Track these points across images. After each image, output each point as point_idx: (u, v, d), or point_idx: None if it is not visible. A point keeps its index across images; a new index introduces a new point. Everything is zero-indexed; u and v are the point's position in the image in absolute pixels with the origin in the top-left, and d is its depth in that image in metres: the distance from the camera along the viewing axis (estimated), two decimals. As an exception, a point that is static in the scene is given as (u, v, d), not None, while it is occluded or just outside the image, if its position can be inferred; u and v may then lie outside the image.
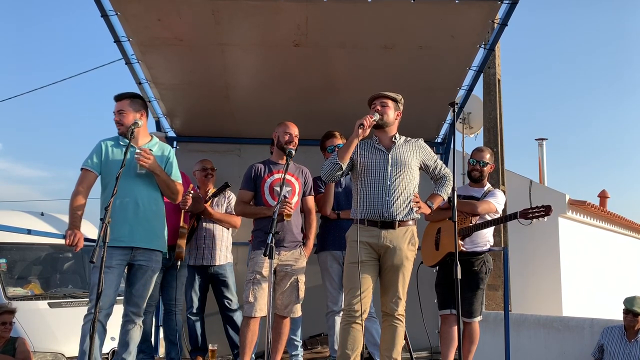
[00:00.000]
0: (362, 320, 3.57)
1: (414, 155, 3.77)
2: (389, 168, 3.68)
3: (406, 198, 3.68)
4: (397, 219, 3.64)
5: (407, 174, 3.71)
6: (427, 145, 3.91)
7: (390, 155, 3.71)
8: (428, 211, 3.82)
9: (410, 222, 3.71)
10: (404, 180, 3.68)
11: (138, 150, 3.60)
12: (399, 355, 3.68)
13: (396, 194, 3.64)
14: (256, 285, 3.97)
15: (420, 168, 3.83)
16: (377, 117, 3.67)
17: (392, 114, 3.78)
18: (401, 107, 3.85)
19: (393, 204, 3.63)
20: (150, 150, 3.71)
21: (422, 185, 3.90)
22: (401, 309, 3.66)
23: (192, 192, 4.48)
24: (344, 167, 3.66)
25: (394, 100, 3.79)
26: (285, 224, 4.04)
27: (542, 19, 35.94)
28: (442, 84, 4.88)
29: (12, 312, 5.14)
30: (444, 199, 3.88)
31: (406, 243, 3.67)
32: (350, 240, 3.70)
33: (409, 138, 3.87)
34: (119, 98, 3.78)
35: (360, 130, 3.55)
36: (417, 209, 3.72)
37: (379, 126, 3.74)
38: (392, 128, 3.81)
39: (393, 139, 3.79)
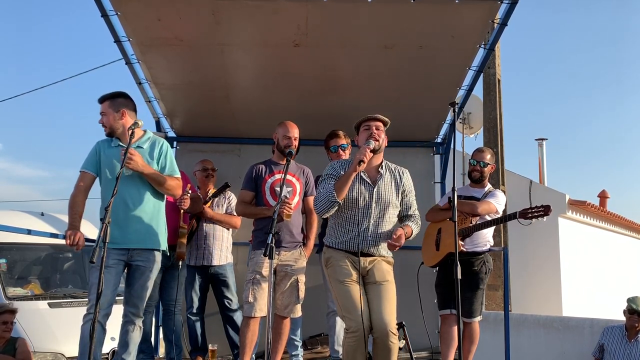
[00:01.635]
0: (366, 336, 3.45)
1: (397, 189, 3.65)
2: (373, 205, 3.56)
3: (387, 235, 3.58)
4: (376, 255, 3.59)
5: (389, 212, 3.61)
6: (410, 181, 3.75)
7: (375, 191, 3.57)
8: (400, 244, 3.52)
9: (389, 255, 3.65)
10: (386, 219, 3.59)
11: (122, 152, 3.54)
12: None
13: (379, 232, 3.56)
14: (256, 285, 3.97)
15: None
16: (372, 145, 3.53)
17: (384, 139, 3.65)
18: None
19: (375, 243, 3.56)
20: (135, 149, 3.64)
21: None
22: (394, 325, 3.45)
23: (189, 192, 4.48)
24: (341, 203, 3.53)
25: (385, 124, 3.67)
26: (285, 224, 4.04)
27: (542, 19, 35.96)
28: (442, 84, 4.87)
29: (13, 311, 5.14)
30: (412, 232, 3.63)
31: (385, 261, 3.62)
32: (332, 261, 3.59)
33: (394, 166, 3.74)
34: (100, 100, 3.79)
35: (359, 167, 3.44)
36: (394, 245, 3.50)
37: (373, 151, 3.58)
38: (380, 155, 3.67)
39: (379, 169, 3.65)
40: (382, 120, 3.65)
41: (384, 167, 3.66)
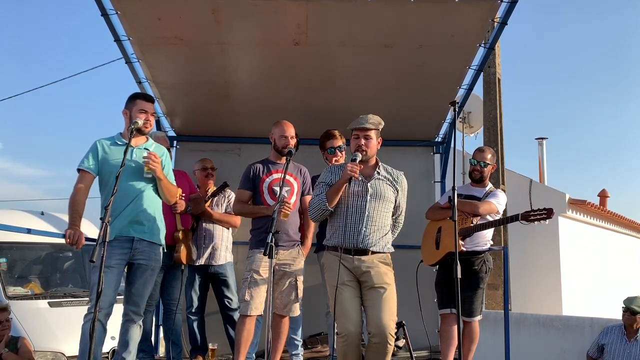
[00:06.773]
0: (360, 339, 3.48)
1: (391, 188, 3.67)
2: (368, 197, 3.58)
3: (382, 230, 3.61)
4: (372, 249, 3.57)
5: (385, 206, 3.62)
6: (405, 183, 3.76)
7: (370, 185, 3.61)
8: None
9: (385, 251, 3.64)
10: (381, 212, 3.61)
11: (146, 154, 3.67)
12: None
13: (372, 225, 3.57)
14: (253, 283, 3.96)
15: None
16: (359, 157, 3.56)
17: (375, 145, 3.66)
18: (380, 130, 3.71)
19: (369, 235, 3.55)
20: (143, 151, 3.77)
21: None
22: (392, 329, 3.43)
23: (183, 195, 4.50)
24: (332, 209, 3.60)
25: (376, 128, 3.66)
26: (283, 223, 4.04)
27: (543, 18, 35.96)
28: (442, 83, 4.87)
29: (4, 309, 5.12)
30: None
31: (382, 263, 3.59)
32: (327, 266, 3.65)
33: (390, 169, 3.76)
34: (152, 100, 3.93)
35: (350, 179, 3.50)
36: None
37: (362, 160, 3.60)
38: (374, 157, 3.72)
39: (375, 168, 3.69)
40: (371, 128, 3.63)
41: (380, 167, 3.71)
